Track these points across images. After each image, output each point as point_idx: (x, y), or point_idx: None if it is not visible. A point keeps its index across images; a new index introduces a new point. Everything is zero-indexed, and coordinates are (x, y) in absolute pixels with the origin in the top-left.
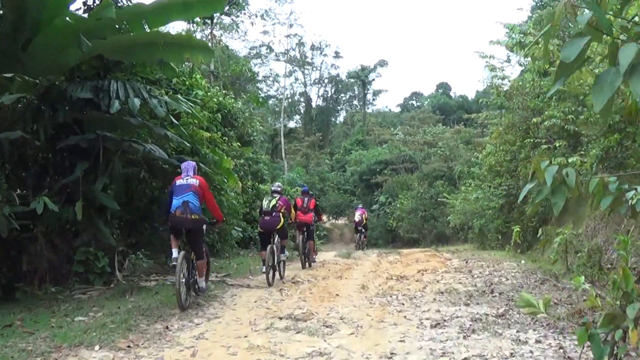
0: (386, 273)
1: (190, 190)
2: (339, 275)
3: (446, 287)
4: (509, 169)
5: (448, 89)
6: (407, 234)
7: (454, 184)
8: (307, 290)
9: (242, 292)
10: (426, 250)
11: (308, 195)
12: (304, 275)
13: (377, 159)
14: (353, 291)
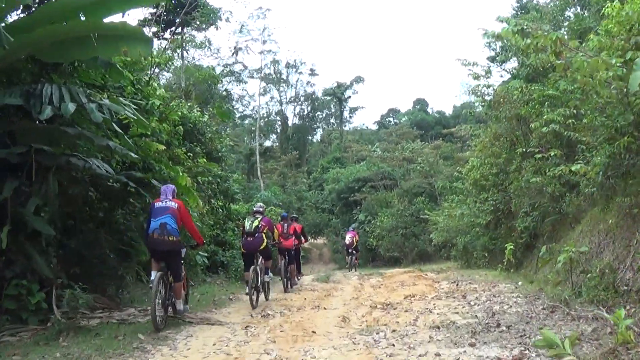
0: (370, 300)
1: (168, 212)
2: (316, 304)
3: (441, 319)
4: (496, 183)
5: (425, 105)
6: (388, 253)
7: (435, 200)
8: (278, 327)
9: (201, 330)
10: (409, 270)
11: (288, 220)
12: (276, 306)
13: (355, 176)
14: (332, 326)
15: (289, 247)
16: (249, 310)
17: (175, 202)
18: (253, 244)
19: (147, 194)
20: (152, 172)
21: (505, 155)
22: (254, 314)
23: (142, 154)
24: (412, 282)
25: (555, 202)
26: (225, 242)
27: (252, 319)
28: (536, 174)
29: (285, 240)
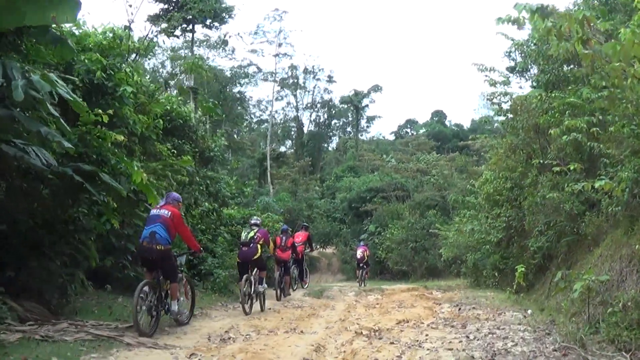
0: (357, 324)
1: (159, 221)
2: (293, 326)
3: (431, 357)
4: (509, 198)
5: (443, 117)
6: (397, 266)
7: (447, 214)
8: (230, 359)
9: (133, 357)
10: (413, 287)
11: (287, 233)
12: (244, 327)
13: (367, 186)
14: (300, 358)
15: (285, 259)
16: (209, 330)
17: (169, 209)
18: (247, 253)
19: (94, 189)
20: (107, 165)
21: (521, 169)
22: (212, 337)
23: (95, 144)
24: (411, 302)
25: (572, 222)
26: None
27: (207, 342)
28: (553, 189)
29: (283, 252)
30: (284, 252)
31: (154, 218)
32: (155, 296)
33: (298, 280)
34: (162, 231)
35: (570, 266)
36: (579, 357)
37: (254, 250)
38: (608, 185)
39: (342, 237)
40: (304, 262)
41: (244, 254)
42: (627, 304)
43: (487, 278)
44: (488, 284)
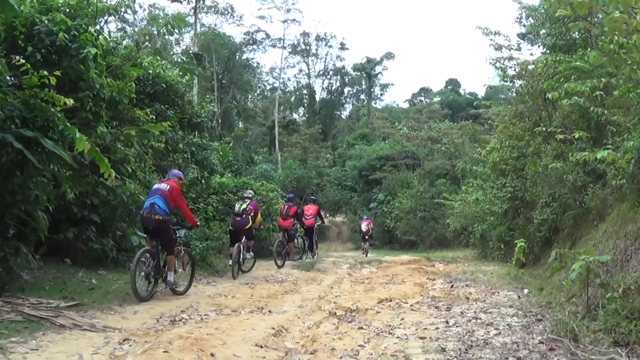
0: (333, 303)
1: (159, 194)
2: (261, 305)
3: (396, 348)
4: (515, 168)
5: (457, 85)
6: (405, 236)
7: (457, 183)
8: (165, 344)
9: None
10: (414, 259)
11: (290, 202)
12: (205, 306)
13: (377, 154)
14: (252, 345)
15: (286, 227)
16: (165, 309)
17: (169, 184)
18: (240, 223)
19: (35, 157)
20: (54, 131)
21: (528, 137)
22: (164, 317)
23: (39, 108)
24: (405, 277)
25: (577, 194)
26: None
27: (154, 324)
28: (557, 159)
29: (284, 220)
30: (285, 220)
31: (154, 191)
32: (153, 263)
33: (307, 252)
34: (160, 203)
35: (575, 241)
36: (566, 352)
37: (246, 221)
38: (611, 156)
39: (352, 205)
40: (314, 234)
41: (237, 223)
42: (628, 288)
43: (493, 250)
44: (494, 256)
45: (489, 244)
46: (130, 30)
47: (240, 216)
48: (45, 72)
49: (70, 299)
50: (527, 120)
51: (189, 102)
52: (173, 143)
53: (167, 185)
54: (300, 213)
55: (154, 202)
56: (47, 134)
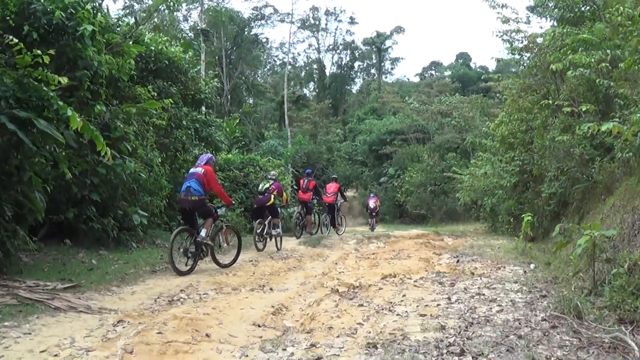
0: (336, 280)
1: (195, 177)
2: (262, 283)
3: (394, 326)
4: (524, 141)
5: (468, 59)
6: (415, 210)
7: (467, 157)
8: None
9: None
10: (423, 233)
11: (309, 177)
12: (205, 285)
13: (387, 128)
14: (249, 324)
15: (306, 200)
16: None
17: (204, 168)
18: (262, 200)
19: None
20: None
21: (536, 110)
22: (162, 297)
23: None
24: (411, 252)
25: (584, 167)
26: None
27: (152, 305)
28: (564, 132)
29: (304, 193)
30: (305, 193)
31: (190, 175)
32: (190, 240)
33: (329, 227)
34: (196, 185)
35: (583, 215)
36: (569, 330)
37: (268, 198)
38: (617, 128)
39: (363, 180)
40: (336, 211)
41: (260, 201)
42: (635, 264)
43: (502, 224)
44: (503, 230)
45: (498, 218)
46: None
47: (263, 194)
48: (39, 52)
49: (67, 281)
50: (535, 94)
51: (192, 78)
52: (176, 120)
53: (202, 169)
54: (320, 188)
55: (190, 185)
56: (41, 113)
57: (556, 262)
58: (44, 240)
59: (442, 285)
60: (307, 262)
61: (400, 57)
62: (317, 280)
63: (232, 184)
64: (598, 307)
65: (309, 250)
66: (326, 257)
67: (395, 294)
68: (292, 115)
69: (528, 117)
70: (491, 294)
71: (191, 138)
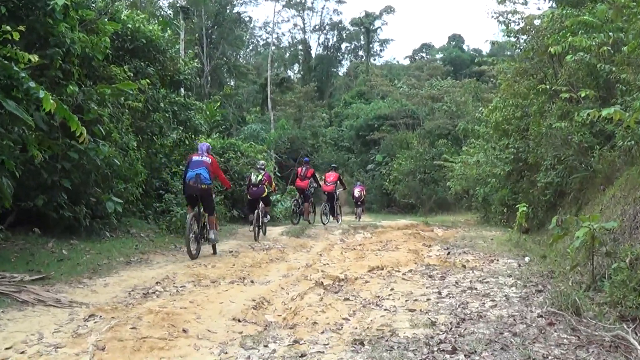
0: (321, 272)
1: (203, 165)
2: (243, 275)
3: (382, 322)
4: (519, 128)
5: (461, 41)
6: (404, 199)
7: (459, 144)
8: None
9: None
10: (412, 223)
11: (307, 165)
12: (182, 277)
13: (375, 113)
14: (229, 319)
15: (303, 187)
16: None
17: (209, 157)
18: (257, 192)
19: None
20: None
21: (532, 96)
22: (136, 290)
23: (1, 66)
24: (399, 243)
25: (583, 156)
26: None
27: (125, 298)
28: (562, 118)
29: (302, 181)
30: (302, 180)
31: (198, 163)
32: (198, 226)
33: (329, 216)
34: (205, 173)
35: (581, 206)
36: (567, 327)
37: (262, 190)
38: (619, 115)
39: (349, 167)
40: (335, 201)
41: (254, 193)
42: (637, 258)
43: (495, 214)
44: (496, 221)
45: (491, 208)
46: None
47: (257, 186)
48: (8, 28)
49: (36, 272)
50: (531, 78)
51: (171, 58)
52: (153, 102)
53: (209, 159)
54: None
55: (200, 173)
56: (10, 94)
57: (552, 255)
58: (11, 228)
59: (432, 278)
60: (290, 253)
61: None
62: (300, 273)
63: None
64: (598, 304)
65: (292, 240)
66: (310, 248)
67: (383, 287)
68: (276, 99)
69: (524, 102)
70: (484, 289)
71: (169, 121)
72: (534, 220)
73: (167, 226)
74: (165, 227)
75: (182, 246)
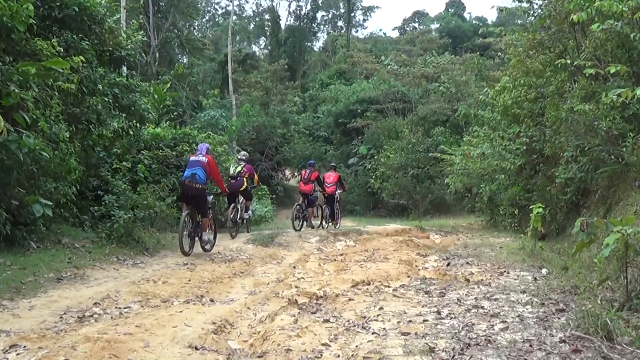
0: (294, 288)
1: (199, 165)
2: (201, 292)
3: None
4: (533, 112)
5: (461, 8)
6: (393, 199)
7: (459, 132)
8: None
9: None
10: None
11: (312, 167)
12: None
13: (358, 96)
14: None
15: (307, 192)
16: (73, 302)
17: (207, 157)
18: (235, 185)
19: None
20: None
21: (549, 73)
22: (70, 313)
23: None
24: (389, 252)
25: (612, 145)
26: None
27: (55, 323)
28: (586, 100)
29: (305, 185)
30: (306, 184)
31: (194, 163)
32: (193, 224)
33: (329, 220)
34: (201, 173)
35: (610, 206)
36: (597, 355)
37: (241, 183)
38: None
39: (327, 161)
40: (335, 203)
41: (232, 186)
42: None
43: (504, 217)
44: (505, 225)
45: (499, 210)
46: None
47: (235, 178)
48: None
49: None
50: (548, 52)
51: (110, 30)
52: (89, 83)
53: (206, 159)
54: (322, 179)
55: (196, 172)
56: None
57: (576, 267)
58: None
59: (429, 295)
60: (258, 265)
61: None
62: (270, 289)
63: (162, 166)
64: (634, 326)
65: (260, 250)
66: (281, 259)
67: (370, 306)
68: (238, 79)
69: (538, 81)
70: (492, 307)
71: (108, 107)
72: (551, 224)
73: (107, 234)
74: (105, 236)
75: (125, 258)
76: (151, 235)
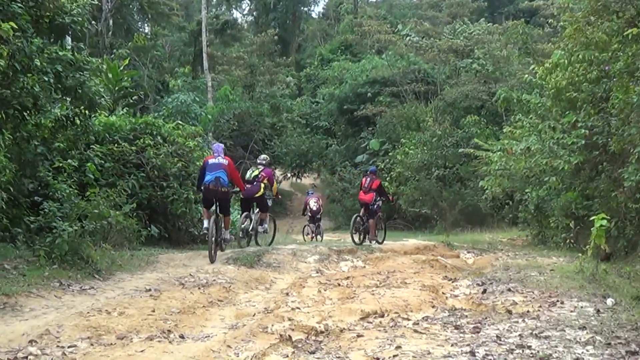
0: (288, 321)
1: (222, 168)
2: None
3: None
4: (594, 97)
5: None
6: (413, 208)
7: (497, 122)
8: None
9: None
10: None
11: (373, 175)
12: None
13: (368, 75)
14: None
15: (367, 202)
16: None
17: (226, 159)
18: (250, 190)
19: None
20: None
21: (616, 46)
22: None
23: None
24: (408, 275)
25: None
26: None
27: None
28: None
29: (365, 194)
30: (366, 193)
31: (216, 166)
32: (217, 229)
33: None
34: (224, 176)
35: None
36: None
37: (257, 189)
38: None
39: (329, 158)
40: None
41: (247, 191)
42: None
43: (556, 231)
44: (557, 241)
45: (549, 222)
46: None
47: (251, 183)
48: None
49: None
50: (615, 18)
51: None
52: (23, 58)
53: (226, 161)
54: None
55: (219, 175)
56: None
57: None
58: None
59: (459, 330)
60: (241, 291)
61: None
62: (256, 322)
63: (118, 165)
64: None
65: (244, 272)
66: (271, 284)
67: (384, 344)
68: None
69: (602, 57)
70: (542, 347)
71: (49, 89)
72: (619, 241)
73: (46, 252)
74: (43, 254)
75: (70, 282)
76: (104, 253)
